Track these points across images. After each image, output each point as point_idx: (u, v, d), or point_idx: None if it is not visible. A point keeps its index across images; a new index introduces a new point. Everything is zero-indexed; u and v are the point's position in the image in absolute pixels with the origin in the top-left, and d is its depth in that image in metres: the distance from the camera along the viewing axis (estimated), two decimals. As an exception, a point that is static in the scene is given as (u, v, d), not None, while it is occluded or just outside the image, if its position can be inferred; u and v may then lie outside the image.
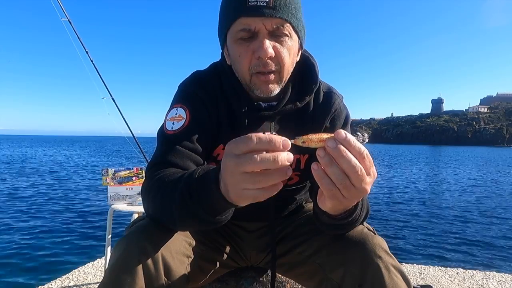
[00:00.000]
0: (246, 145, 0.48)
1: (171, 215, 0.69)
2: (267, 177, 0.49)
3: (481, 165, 28.46)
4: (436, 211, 8.34)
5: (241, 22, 0.77)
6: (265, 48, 0.76)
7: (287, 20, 0.78)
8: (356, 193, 0.54)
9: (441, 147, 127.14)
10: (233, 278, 1.07)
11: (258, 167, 0.48)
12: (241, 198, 0.53)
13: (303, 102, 0.92)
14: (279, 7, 0.76)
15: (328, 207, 0.62)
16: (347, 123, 0.99)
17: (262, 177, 0.49)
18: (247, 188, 0.51)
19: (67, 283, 2.48)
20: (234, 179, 0.51)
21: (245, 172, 0.49)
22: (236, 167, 0.50)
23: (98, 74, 3.03)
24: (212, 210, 0.63)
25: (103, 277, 0.71)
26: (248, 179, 0.50)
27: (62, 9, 2.94)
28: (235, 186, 0.52)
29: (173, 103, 0.91)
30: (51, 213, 6.83)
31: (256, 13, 0.75)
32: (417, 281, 2.64)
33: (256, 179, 0.49)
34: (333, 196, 0.55)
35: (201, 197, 0.62)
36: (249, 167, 0.48)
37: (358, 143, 0.51)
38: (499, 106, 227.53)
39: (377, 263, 0.72)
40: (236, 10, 0.77)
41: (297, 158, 0.94)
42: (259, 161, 0.47)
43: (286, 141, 0.48)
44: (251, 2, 0.75)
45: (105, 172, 2.45)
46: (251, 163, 0.48)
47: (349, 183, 0.52)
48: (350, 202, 0.60)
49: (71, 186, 10.94)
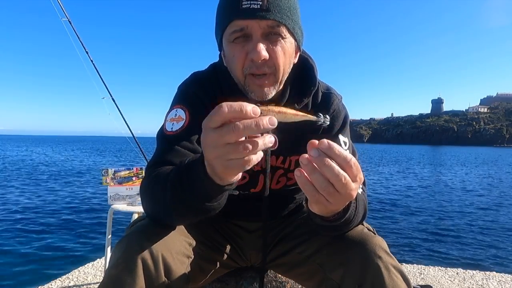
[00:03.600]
0: (219, 115, 0.48)
1: (164, 206, 0.70)
2: (251, 144, 0.49)
3: (481, 165, 28.46)
4: (436, 211, 8.34)
5: (235, 24, 0.77)
6: (258, 51, 0.76)
7: (282, 22, 0.77)
8: (341, 198, 0.55)
9: (441, 147, 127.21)
10: (233, 278, 1.07)
11: (241, 134, 0.48)
12: (227, 169, 0.53)
13: (301, 104, 0.92)
14: (273, 9, 0.76)
15: (316, 210, 0.63)
16: (346, 123, 0.98)
17: (246, 144, 0.49)
18: (232, 159, 0.51)
19: (67, 283, 2.48)
20: (217, 152, 0.51)
21: (229, 143, 0.50)
22: (218, 140, 0.50)
23: (98, 74, 3.03)
24: (201, 195, 0.63)
25: (103, 277, 0.71)
26: (232, 149, 0.50)
27: (62, 9, 2.95)
28: (220, 159, 0.52)
29: (172, 104, 0.91)
30: (51, 213, 6.83)
31: (250, 16, 0.75)
32: (417, 281, 2.64)
33: (240, 148, 0.49)
34: (317, 201, 0.55)
35: (189, 182, 0.63)
36: (233, 136, 0.48)
37: (343, 152, 0.52)
38: (499, 106, 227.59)
39: (377, 263, 0.72)
40: (230, 13, 0.77)
41: (296, 159, 0.94)
42: (242, 128, 0.47)
43: (256, 107, 0.48)
44: (244, 5, 0.75)
45: (105, 172, 2.45)
46: (235, 131, 0.48)
47: (333, 189, 0.53)
48: (336, 206, 0.61)
49: (70, 186, 10.94)
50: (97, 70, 3.02)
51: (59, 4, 2.93)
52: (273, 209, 0.99)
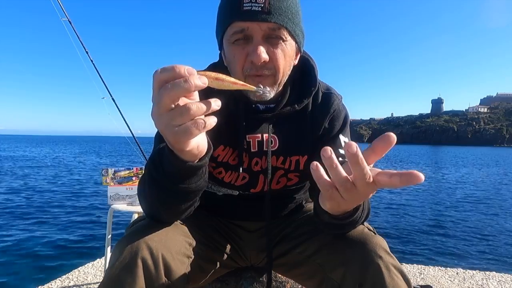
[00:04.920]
0: (154, 79, 0.50)
1: (151, 198, 0.73)
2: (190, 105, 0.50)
3: (481, 165, 28.45)
4: (436, 211, 8.34)
5: (236, 26, 0.77)
6: (258, 53, 0.75)
7: (283, 25, 0.77)
8: (358, 196, 0.54)
9: (441, 147, 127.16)
10: (233, 278, 1.07)
11: (174, 94, 0.49)
12: (176, 136, 0.54)
13: (301, 104, 0.92)
14: (274, 11, 0.75)
15: (327, 207, 0.62)
16: (346, 124, 0.98)
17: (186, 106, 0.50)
18: (178, 124, 0.52)
19: (67, 283, 2.49)
20: (163, 119, 0.52)
21: (168, 107, 0.50)
22: (157, 107, 0.51)
23: (98, 74, 3.03)
24: (172, 175, 0.66)
25: (103, 277, 0.71)
26: (174, 114, 0.51)
27: (62, 9, 2.95)
28: (167, 127, 0.53)
29: None
30: (50, 213, 6.83)
31: (251, 18, 0.75)
32: (417, 281, 2.64)
33: (182, 110, 0.50)
34: (331, 197, 0.55)
35: (160, 163, 0.66)
36: (166, 98, 0.49)
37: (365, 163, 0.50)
38: (499, 106, 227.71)
39: (378, 263, 0.72)
40: (231, 14, 0.77)
41: (297, 160, 0.94)
42: (170, 87, 0.48)
43: (190, 68, 0.49)
44: (245, 6, 0.75)
45: (105, 172, 2.45)
46: (165, 92, 0.49)
47: (351, 185, 0.52)
48: (349, 204, 0.60)
49: (70, 186, 10.94)
50: (97, 70, 3.02)
51: (59, 4, 2.93)
52: (273, 209, 0.99)
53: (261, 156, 0.92)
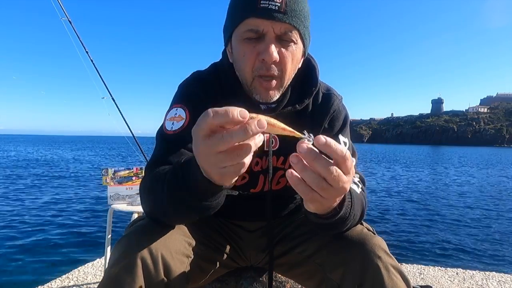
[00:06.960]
0: (206, 123, 0.47)
1: (162, 206, 0.70)
2: (243, 151, 0.49)
3: (481, 166, 28.46)
4: (436, 211, 8.33)
5: (250, 23, 0.77)
6: (270, 52, 0.76)
7: (296, 26, 0.77)
8: (335, 192, 0.54)
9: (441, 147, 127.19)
10: (233, 278, 1.07)
11: (231, 143, 0.47)
12: (224, 176, 0.53)
13: (302, 104, 0.92)
14: (290, 12, 0.76)
15: (312, 209, 0.62)
16: (346, 124, 0.98)
17: (238, 151, 0.49)
18: (226, 166, 0.51)
19: (67, 283, 2.49)
20: (210, 160, 0.51)
21: (220, 152, 0.49)
22: (209, 149, 0.49)
23: (98, 74, 3.03)
24: (198, 194, 0.62)
25: (103, 277, 0.70)
26: (225, 157, 0.49)
27: (62, 9, 2.95)
28: (214, 166, 0.52)
29: (172, 103, 0.91)
30: (50, 213, 6.83)
31: (267, 16, 0.75)
32: (417, 281, 2.64)
33: (233, 155, 0.49)
34: (312, 199, 0.55)
35: (185, 180, 0.62)
36: (223, 146, 0.48)
37: (339, 146, 0.51)
38: (499, 106, 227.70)
39: (377, 263, 0.72)
40: (246, 10, 0.77)
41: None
42: (231, 137, 0.46)
43: (243, 111, 0.46)
44: (262, 4, 0.74)
45: (105, 172, 2.45)
46: (224, 141, 0.47)
47: (326, 184, 0.52)
48: (331, 202, 0.60)
49: (70, 186, 10.93)
50: (97, 70, 3.02)
51: (59, 4, 2.93)
52: (273, 209, 0.99)
53: (262, 156, 0.92)
